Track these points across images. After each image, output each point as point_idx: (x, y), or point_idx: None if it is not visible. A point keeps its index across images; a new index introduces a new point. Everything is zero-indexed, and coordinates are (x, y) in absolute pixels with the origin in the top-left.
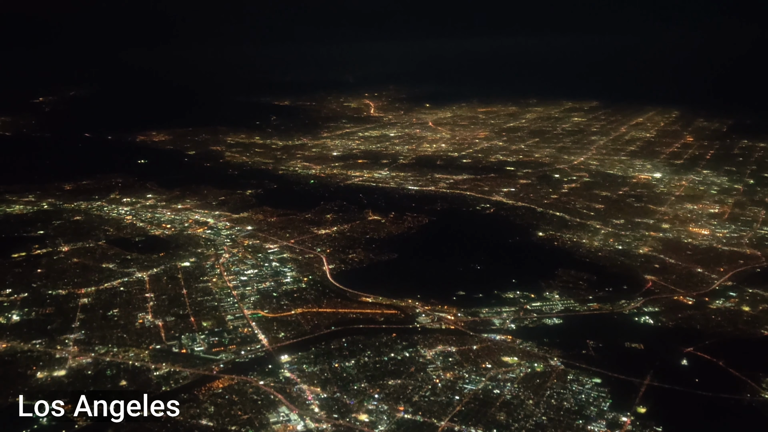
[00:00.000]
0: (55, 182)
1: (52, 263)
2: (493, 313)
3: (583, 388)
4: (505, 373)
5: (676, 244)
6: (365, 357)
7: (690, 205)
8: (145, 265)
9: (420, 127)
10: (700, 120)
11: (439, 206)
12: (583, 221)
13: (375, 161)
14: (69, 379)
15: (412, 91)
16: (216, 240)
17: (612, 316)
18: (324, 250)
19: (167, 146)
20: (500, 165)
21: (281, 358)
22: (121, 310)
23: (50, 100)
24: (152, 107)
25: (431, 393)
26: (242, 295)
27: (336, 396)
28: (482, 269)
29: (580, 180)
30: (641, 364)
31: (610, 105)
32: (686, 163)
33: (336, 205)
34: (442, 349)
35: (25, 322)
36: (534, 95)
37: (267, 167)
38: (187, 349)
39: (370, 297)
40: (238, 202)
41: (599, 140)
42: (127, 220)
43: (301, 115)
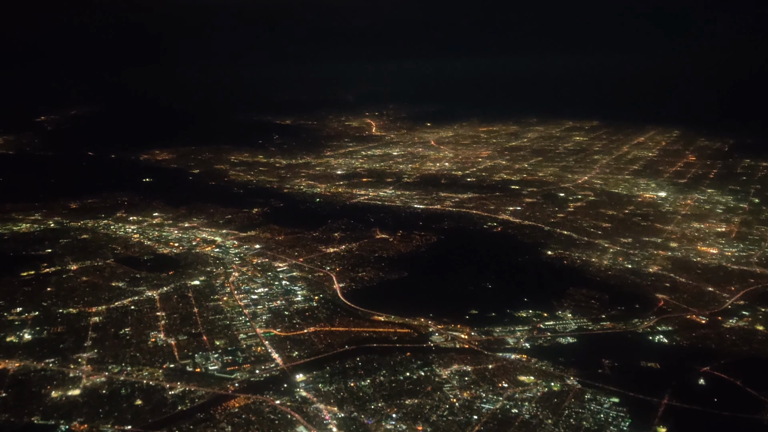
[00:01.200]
0: (61, 201)
1: (61, 282)
2: (507, 332)
3: (601, 408)
4: (522, 393)
5: (685, 263)
6: (381, 376)
7: (697, 224)
8: (154, 284)
9: (422, 146)
10: (701, 139)
11: (446, 225)
12: (591, 240)
13: (379, 180)
14: (84, 398)
15: (412, 111)
16: (225, 258)
17: (626, 335)
18: (333, 268)
19: (171, 165)
20: (504, 184)
21: (296, 377)
22: (133, 329)
23: (52, 119)
24: (154, 126)
25: (449, 412)
26: (254, 314)
27: (354, 415)
28: (493, 288)
29: (586, 199)
30: (658, 383)
31: (610, 124)
32: (690, 182)
33: (343, 224)
34: (458, 369)
35: (36, 341)
36: (534, 114)
37: (272, 186)
38: (201, 368)
39: (382, 316)
40: (245, 220)
41: (602, 159)
42: (135, 238)
43: (303, 134)
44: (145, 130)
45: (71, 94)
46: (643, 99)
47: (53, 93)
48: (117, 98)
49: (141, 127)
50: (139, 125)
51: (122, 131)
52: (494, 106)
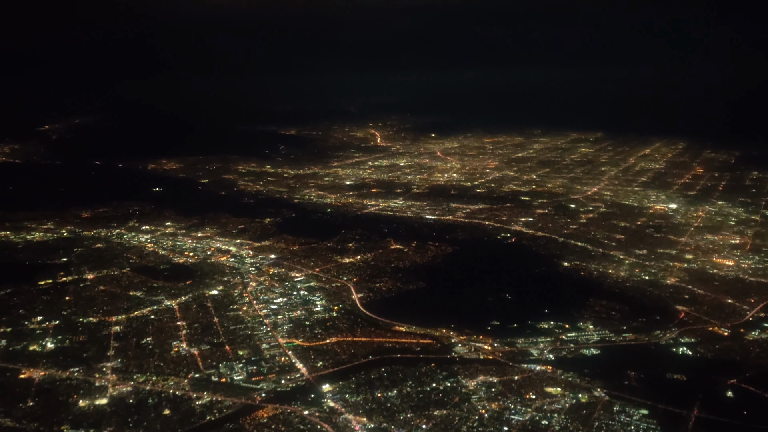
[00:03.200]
0: (72, 210)
1: (79, 291)
2: (530, 344)
3: (631, 420)
4: (550, 404)
5: (702, 275)
6: (407, 387)
7: (710, 236)
8: (173, 294)
9: (429, 156)
10: (707, 151)
11: (460, 236)
12: (606, 251)
13: (389, 190)
14: (111, 407)
15: (415, 121)
16: (241, 268)
17: (649, 347)
18: (351, 279)
19: (179, 174)
20: (514, 195)
21: (323, 387)
22: (155, 339)
23: (56, 128)
24: (159, 136)
25: (479, 424)
26: (275, 324)
27: (383, 426)
28: (513, 299)
29: (597, 210)
30: (686, 395)
31: (615, 136)
32: (700, 194)
33: (357, 234)
34: (484, 380)
35: (60, 350)
36: (538, 126)
37: (282, 196)
38: (226, 378)
39: (404, 326)
40: (258, 230)
41: (610, 171)
42: (149, 247)
43: (309, 145)
44: (150, 140)
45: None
46: (646, 111)
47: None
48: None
49: (145, 137)
50: (143, 135)
51: (126, 141)
52: (498, 117)
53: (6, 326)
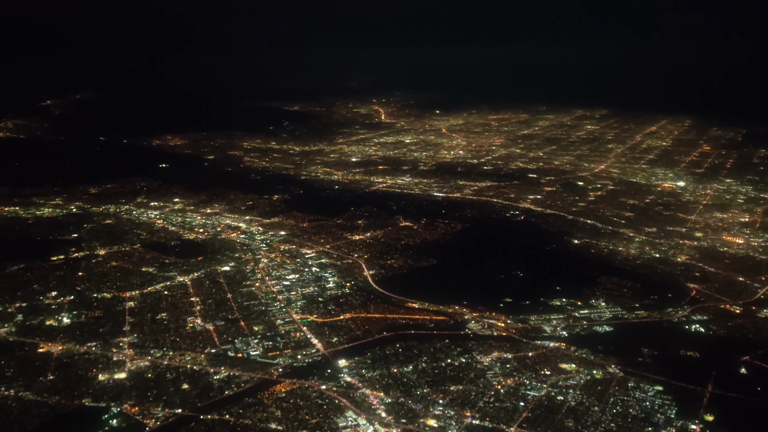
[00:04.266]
0: (80, 186)
1: (91, 266)
2: (543, 321)
3: (646, 396)
4: (565, 380)
5: (712, 253)
6: (422, 363)
7: (719, 214)
8: (185, 270)
9: (434, 133)
10: (713, 129)
11: (469, 213)
12: (615, 229)
13: (396, 168)
14: (131, 381)
15: (419, 98)
16: (251, 245)
17: (662, 324)
18: (361, 255)
19: (185, 150)
20: (522, 172)
21: (339, 362)
22: (170, 314)
23: (58, 103)
24: (162, 112)
25: (495, 399)
26: (288, 300)
27: (401, 401)
28: (524, 276)
29: (605, 188)
30: (700, 371)
31: (620, 113)
32: (708, 172)
33: (366, 211)
34: (498, 356)
35: (76, 325)
36: (543, 103)
37: (288, 172)
38: (243, 353)
39: (417, 303)
40: (267, 207)
41: (616, 148)
42: (159, 224)
43: (313, 121)
44: (154, 116)
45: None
46: (651, 88)
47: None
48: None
49: (149, 113)
50: (147, 111)
51: (130, 117)
52: (502, 94)
53: (21, 301)
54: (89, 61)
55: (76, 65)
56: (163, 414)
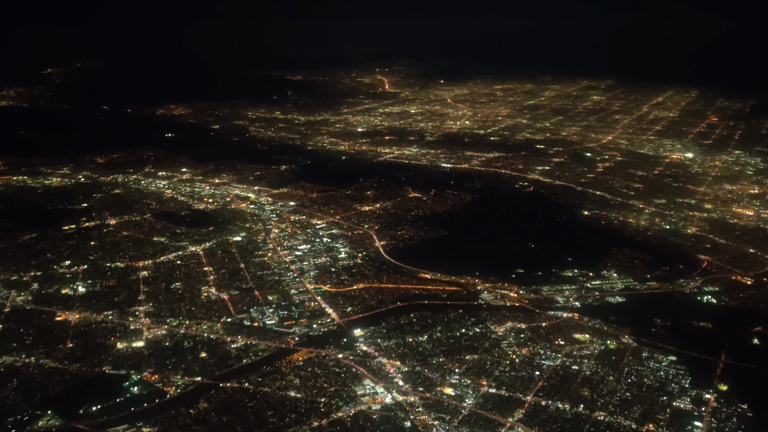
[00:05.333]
0: (87, 155)
1: (103, 236)
2: (555, 291)
3: (660, 366)
4: (579, 350)
5: (722, 225)
6: (437, 332)
7: (728, 186)
8: (196, 239)
9: (439, 103)
10: (720, 100)
11: (478, 184)
12: (625, 201)
13: (402, 138)
14: (149, 350)
15: (422, 67)
16: (262, 215)
17: (674, 295)
18: (372, 226)
19: (189, 120)
20: (529, 143)
21: (354, 332)
22: (184, 284)
23: (59, 71)
24: (164, 81)
25: (511, 368)
26: (301, 270)
27: (417, 370)
28: (536, 248)
29: (613, 159)
30: (712, 342)
31: (626, 84)
32: (716, 143)
33: (374, 182)
34: (512, 326)
35: (91, 294)
36: (548, 73)
37: (295, 143)
38: (258, 322)
39: (429, 273)
40: (275, 177)
41: (623, 119)
42: (168, 194)
43: (317, 91)
44: (154, 85)
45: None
46: (656, 58)
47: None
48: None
49: (151, 82)
50: (149, 80)
51: (132, 85)
52: (506, 63)
53: (36, 270)
54: (89, 29)
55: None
56: (183, 382)
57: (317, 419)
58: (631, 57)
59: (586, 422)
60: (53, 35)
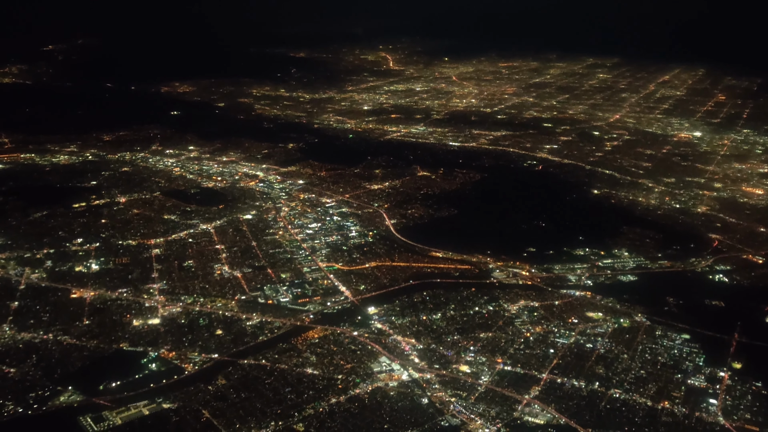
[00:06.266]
0: (93, 133)
1: (113, 214)
2: (567, 270)
3: (673, 344)
4: (593, 328)
5: (732, 204)
6: (450, 310)
7: (738, 165)
8: (207, 218)
9: (444, 81)
10: (728, 78)
11: (486, 163)
12: (634, 179)
13: (408, 116)
14: (165, 327)
15: (426, 45)
16: (271, 193)
17: (686, 274)
18: (381, 205)
19: (194, 98)
20: (536, 121)
21: (368, 309)
22: (197, 261)
23: (61, 48)
24: (166, 57)
25: (525, 346)
26: (312, 248)
27: (432, 347)
28: (546, 226)
29: (621, 138)
30: (725, 320)
31: (632, 62)
32: (724, 122)
33: (383, 161)
34: (525, 304)
35: (105, 271)
36: (553, 50)
37: (301, 120)
38: (273, 300)
39: (440, 252)
40: (283, 155)
41: (630, 98)
42: (176, 171)
43: (321, 68)
44: (157, 62)
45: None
46: (662, 36)
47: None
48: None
49: (152, 59)
50: (151, 56)
51: (135, 62)
52: (511, 40)
53: (49, 247)
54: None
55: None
56: (200, 359)
57: (335, 396)
58: (636, 34)
59: (602, 399)
60: (52, 10)
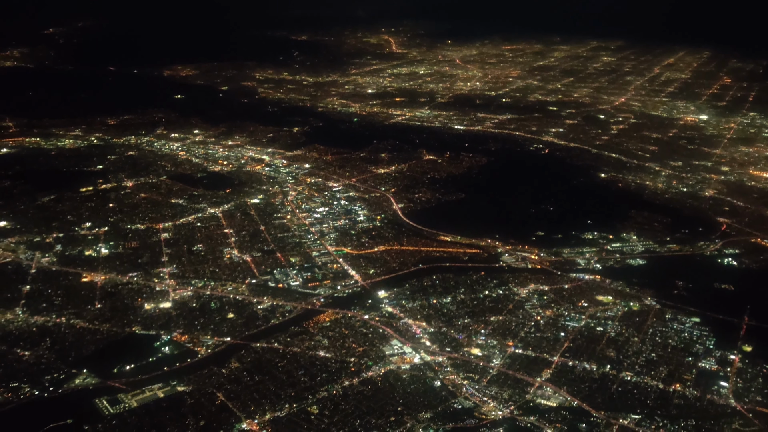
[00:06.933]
0: (97, 117)
1: (121, 198)
2: (576, 254)
3: (684, 327)
4: (603, 312)
5: (740, 187)
6: (460, 294)
7: (744, 148)
8: (214, 202)
9: (448, 64)
10: (733, 60)
11: (492, 146)
12: (641, 163)
13: (413, 100)
14: (176, 311)
15: (428, 27)
16: (277, 177)
17: (694, 258)
18: (388, 189)
19: (197, 81)
20: (541, 105)
21: (378, 293)
22: (206, 245)
23: (61, 31)
24: (167, 41)
25: (536, 329)
26: (321, 232)
27: (443, 330)
28: (554, 210)
29: (627, 121)
30: (735, 304)
31: (636, 44)
32: (730, 105)
33: (389, 145)
34: (535, 288)
35: (114, 255)
36: (556, 33)
37: (305, 104)
38: (283, 283)
39: (448, 236)
40: (288, 139)
41: (635, 81)
42: (182, 155)
43: (323, 51)
44: (159, 45)
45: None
46: (665, 18)
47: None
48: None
49: (153, 42)
50: (153, 39)
51: (135, 45)
52: (513, 23)
53: (58, 231)
54: None
55: None
56: (213, 342)
57: (348, 378)
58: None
59: (613, 382)
60: None
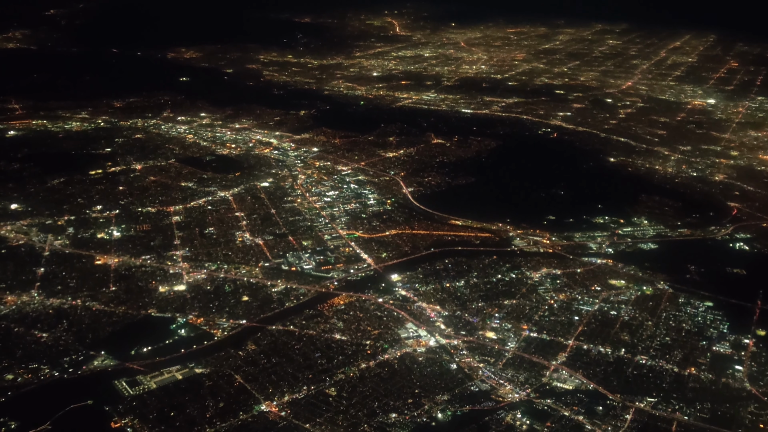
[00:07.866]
0: (103, 99)
1: (131, 181)
2: (587, 238)
3: (697, 311)
4: (616, 296)
5: (749, 172)
6: (473, 278)
7: (753, 133)
8: (224, 185)
9: (453, 47)
10: (739, 44)
11: (501, 130)
12: (650, 147)
13: (419, 83)
14: (191, 293)
15: (432, 9)
16: (286, 161)
17: (706, 242)
18: (398, 173)
19: (202, 64)
20: (548, 88)
21: (391, 277)
22: (217, 229)
23: (62, 12)
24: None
25: (550, 313)
26: (332, 216)
27: (457, 314)
28: (565, 194)
29: (634, 105)
30: (748, 288)
31: (641, 27)
32: (738, 89)
33: (396, 128)
34: (548, 272)
35: (127, 238)
36: (560, 16)
37: (311, 87)
38: (296, 267)
39: (460, 220)
40: (295, 122)
41: (641, 64)
42: (190, 138)
43: (327, 33)
44: (161, 27)
45: None
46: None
47: None
48: None
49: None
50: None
51: (138, 27)
52: (517, 5)
53: (69, 214)
54: None
55: None
56: (228, 324)
57: (365, 361)
58: None
59: (628, 365)
60: None
